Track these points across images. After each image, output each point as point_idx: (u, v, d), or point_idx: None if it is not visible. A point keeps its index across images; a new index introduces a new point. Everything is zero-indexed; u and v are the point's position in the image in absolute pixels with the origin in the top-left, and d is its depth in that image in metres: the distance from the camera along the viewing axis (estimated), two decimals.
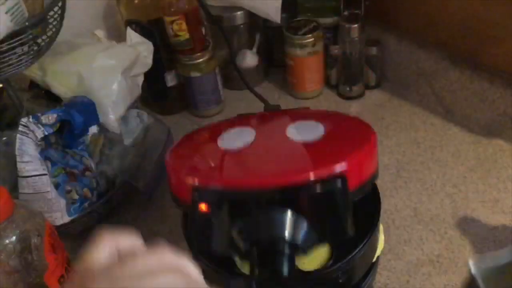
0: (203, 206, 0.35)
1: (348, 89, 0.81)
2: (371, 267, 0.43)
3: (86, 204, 0.57)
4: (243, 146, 0.40)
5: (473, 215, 0.60)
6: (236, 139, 0.41)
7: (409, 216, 0.61)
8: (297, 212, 0.36)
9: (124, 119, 0.69)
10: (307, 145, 0.39)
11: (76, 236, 0.64)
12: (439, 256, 0.56)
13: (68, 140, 0.57)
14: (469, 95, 0.70)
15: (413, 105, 0.78)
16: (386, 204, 0.62)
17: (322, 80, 0.82)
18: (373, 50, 0.79)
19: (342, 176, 0.36)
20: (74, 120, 0.56)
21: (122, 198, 0.63)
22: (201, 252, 0.40)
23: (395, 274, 0.55)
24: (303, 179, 0.35)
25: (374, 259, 0.44)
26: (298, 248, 0.36)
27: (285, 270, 0.35)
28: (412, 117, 0.76)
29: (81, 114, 0.57)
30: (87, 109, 0.59)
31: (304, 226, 0.37)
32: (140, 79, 0.72)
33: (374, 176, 0.41)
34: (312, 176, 0.35)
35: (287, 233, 0.36)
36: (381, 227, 0.46)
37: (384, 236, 0.59)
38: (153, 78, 0.78)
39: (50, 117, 0.53)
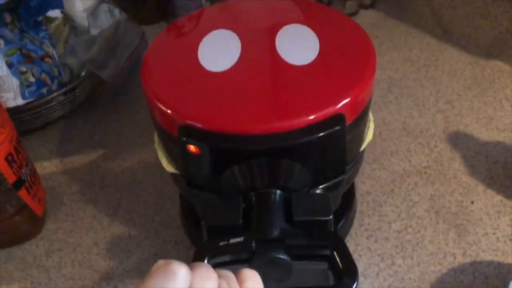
0: (192, 147, 0.32)
1: (341, 7, 0.75)
2: (355, 157, 0.39)
3: (44, 90, 0.51)
4: (230, 66, 0.35)
5: (465, 130, 0.56)
6: (220, 51, 0.37)
7: (398, 129, 0.56)
8: (290, 156, 0.33)
9: (93, 13, 0.62)
10: (300, 70, 0.35)
11: (38, 131, 0.58)
12: (427, 167, 0.52)
13: (24, 18, 0.51)
14: (470, 11, 0.65)
15: (409, 25, 0.73)
16: (374, 118, 0.58)
17: None
18: None
19: (339, 115, 0.33)
20: None
21: (88, 94, 0.58)
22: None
23: (379, 183, 0.51)
24: (299, 125, 0.32)
25: (362, 149, 0.40)
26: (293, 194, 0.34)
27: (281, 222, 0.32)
28: (407, 37, 0.70)
29: None
30: None
31: (298, 172, 0.34)
32: None
33: (369, 103, 0.38)
34: (308, 121, 0.32)
35: (281, 181, 0.34)
36: (371, 116, 0.41)
37: (369, 148, 0.55)
38: None
39: None
